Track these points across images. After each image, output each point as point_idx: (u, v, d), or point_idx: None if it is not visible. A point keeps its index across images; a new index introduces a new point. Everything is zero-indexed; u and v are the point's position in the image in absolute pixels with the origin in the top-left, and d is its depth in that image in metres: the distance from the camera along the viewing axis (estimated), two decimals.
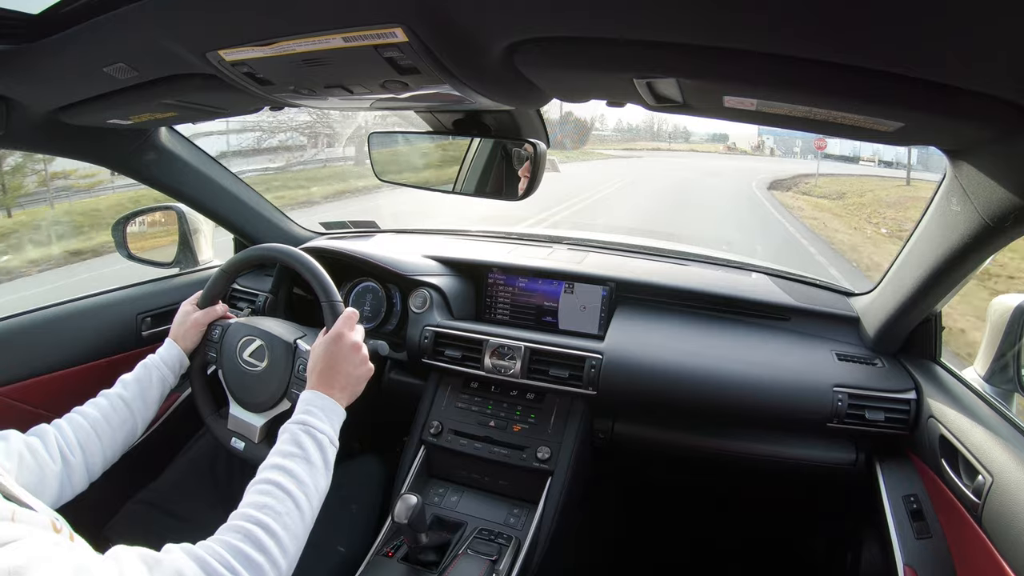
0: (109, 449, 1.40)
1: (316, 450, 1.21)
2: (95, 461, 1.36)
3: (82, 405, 1.44)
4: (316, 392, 1.32)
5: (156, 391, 1.54)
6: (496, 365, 1.93)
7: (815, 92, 0.84)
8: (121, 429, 1.44)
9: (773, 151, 44.49)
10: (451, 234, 2.68)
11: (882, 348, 1.83)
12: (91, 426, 1.38)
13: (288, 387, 1.60)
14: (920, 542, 1.49)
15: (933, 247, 1.37)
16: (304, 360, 1.58)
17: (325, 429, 1.26)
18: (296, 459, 1.17)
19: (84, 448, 1.34)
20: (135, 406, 1.48)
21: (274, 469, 1.15)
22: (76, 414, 1.40)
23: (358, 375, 1.41)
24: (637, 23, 0.77)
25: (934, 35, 0.65)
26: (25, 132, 1.58)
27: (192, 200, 2.19)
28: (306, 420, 1.25)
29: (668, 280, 2.09)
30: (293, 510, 1.10)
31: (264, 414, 1.64)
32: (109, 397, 1.47)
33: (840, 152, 38.00)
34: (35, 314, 1.87)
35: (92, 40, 1.08)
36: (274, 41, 0.95)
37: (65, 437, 1.32)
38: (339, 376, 1.36)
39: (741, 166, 40.24)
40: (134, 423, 1.47)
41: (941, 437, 1.49)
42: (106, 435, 1.40)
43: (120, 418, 1.44)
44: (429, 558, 1.63)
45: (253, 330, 1.67)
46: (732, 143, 52.37)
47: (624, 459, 2.12)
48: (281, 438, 1.22)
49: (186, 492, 1.85)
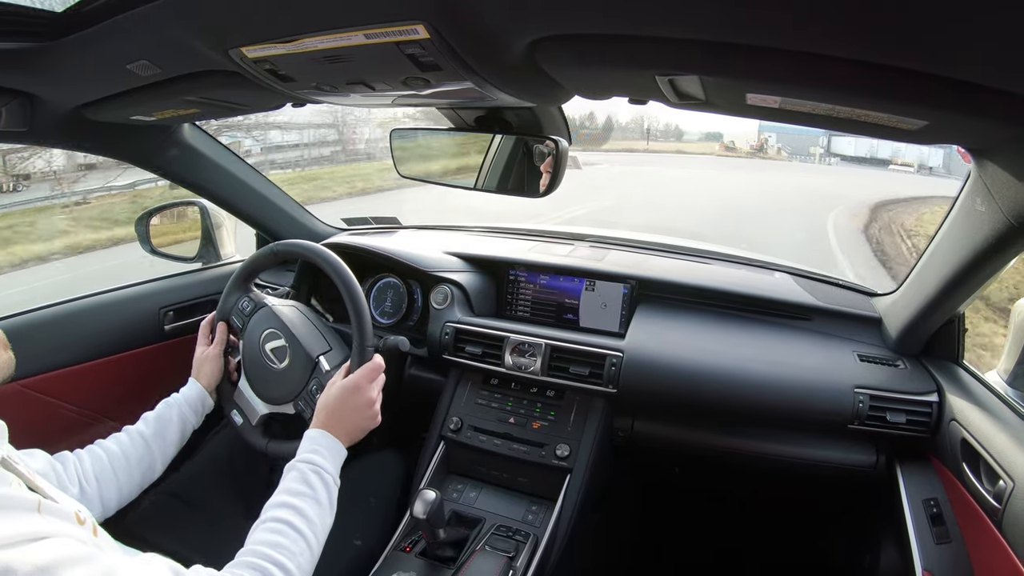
0: (126, 486, 1.43)
1: (323, 489, 1.25)
2: (110, 496, 1.39)
3: (104, 439, 1.46)
4: (324, 432, 1.35)
5: (176, 429, 1.56)
6: (516, 362, 1.93)
7: (839, 90, 0.83)
8: (139, 466, 1.46)
9: (780, 151, 37.40)
10: (472, 231, 2.68)
11: (904, 349, 1.80)
12: (109, 461, 1.41)
13: (297, 398, 1.62)
14: (939, 547, 1.47)
15: (956, 247, 1.35)
16: (320, 381, 1.60)
17: (331, 469, 1.29)
18: (306, 499, 1.21)
19: (100, 481, 1.37)
20: (154, 444, 1.50)
21: (286, 508, 1.18)
22: (97, 447, 1.43)
23: (364, 426, 1.43)
24: (662, 20, 0.76)
25: (960, 33, 0.64)
26: (50, 128, 1.59)
27: (215, 196, 2.21)
28: (315, 460, 1.28)
29: (690, 278, 2.08)
30: (305, 550, 1.15)
31: (268, 406, 1.66)
32: (130, 433, 1.49)
33: (856, 152, 32.78)
34: (59, 307, 1.89)
35: (115, 38, 1.09)
36: (296, 38, 0.96)
37: (83, 467, 1.35)
38: (347, 423, 1.39)
39: (779, 181, 23.32)
40: (152, 460, 1.49)
41: (963, 441, 1.47)
42: (123, 471, 1.42)
43: (138, 454, 1.46)
44: (447, 554, 1.63)
45: (281, 325, 1.68)
46: (730, 142, 38.37)
47: (643, 458, 2.11)
48: (290, 476, 1.25)
49: (205, 484, 1.86)
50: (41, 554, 0.77)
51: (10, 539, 0.76)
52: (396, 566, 1.58)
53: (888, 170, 28.37)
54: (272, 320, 1.69)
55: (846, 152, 32.98)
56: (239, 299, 1.75)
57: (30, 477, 0.96)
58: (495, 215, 4.62)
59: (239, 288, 1.76)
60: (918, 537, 1.49)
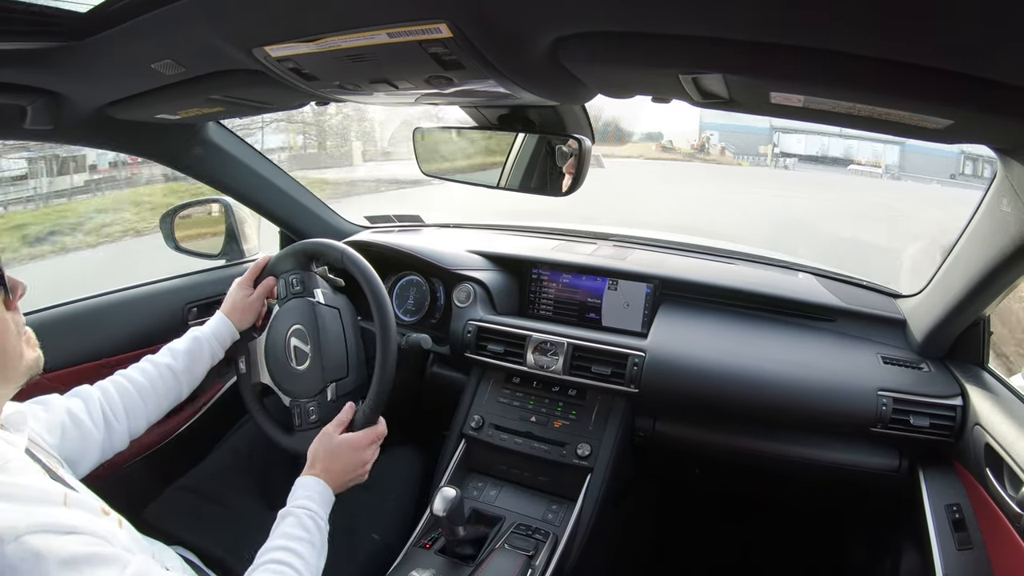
0: (154, 412, 1.48)
1: (318, 533, 1.28)
2: (138, 425, 1.44)
3: (126, 369, 1.50)
4: (318, 480, 1.37)
5: (206, 363, 1.59)
6: (538, 361, 1.92)
7: (866, 88, 0.83)
8: (167, 397, 1.51)
9: (724, 151, 30.17)
10: (495, 229, 2.67)
11: (928, 352, 1.78)
12: (138, 393, 1.44)
13: (294, 402, 1.63)
14: (961, 553, 1.45)
15: (982, 249, 1.33)
16: (320, 407, 1.60)
17: (323, 515, 1.32)
18: (303, 543, 1.23)
19: (129, 414, 1.41)
20: (183, 378, 1.54)
21: (285, 551, 1.20)
22: (123, 379, 1.45)
23: (353, 482, 1.45)
24: (687, 19, 0.76)
25: (995, 34, 0.63)
26: (75, 127, 1.61)
27: (239, 193, 2.22)
28: (310, 507, 1.30)
29: (713, 278, 2.06)
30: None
31: (271, 382, 1.68)
32: (157, 366, 1.51)
33: (807, 150, 24.98)
34: (85, 302, 1.91)
35: (139, 37, 1.10)
36: (320, 37, 0.96)
37: (111, 401, 1.39)
38: (339, 477, 1.41)
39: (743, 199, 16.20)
40: (180, 391, 1.54)
41: (987, 446, 1.45)
42: (152, 402, 1.47)
43: (167, 387, 1.50)
44: (466, 551, 1.64)
45: (313, 329, 1.63)
46: (668, 141, 32.75)
47: (663, 458, 2.10)
48: (287, 520, 1.27)
49: (224, 480, 1.88)
50: (69, 548, 0.78)
51: (42, 527, 0.78)
52: (415, 562, 1.59)
53: (849, 171, 23.41)
54: (307, 317, 1.64)
55: (796, 150, 26.03)
56: (293, 271, 1.70)
57: (53, 468, 0.97)
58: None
59: (299, 263, 1.72)
60: (940, 542, 1.48)
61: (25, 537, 0.76)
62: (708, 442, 1.89)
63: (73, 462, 1.22)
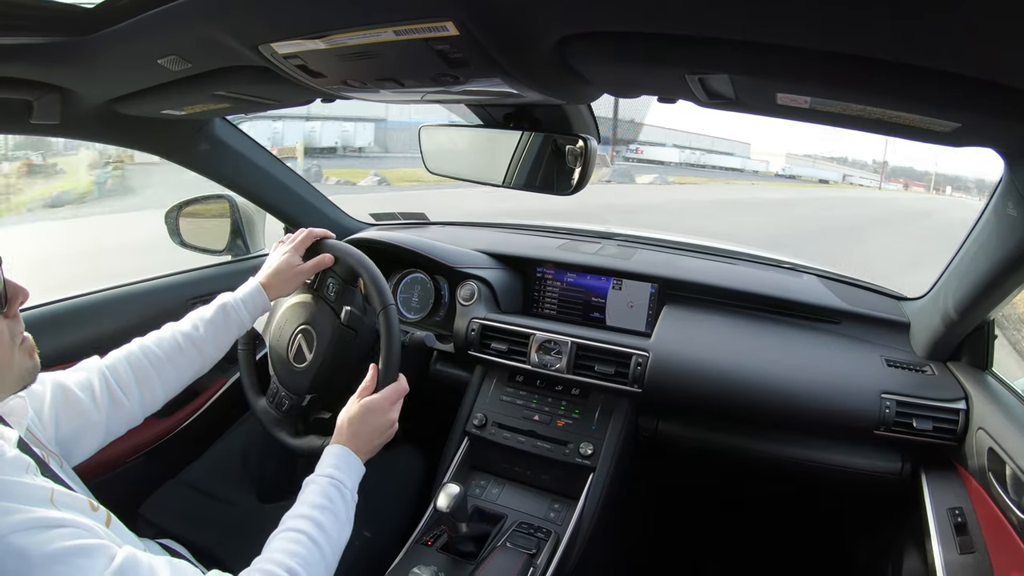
0: (173, 385, 1.41)
1: (343, 504, 1.24)
2: (154, 400, 1.37)
3: (144, 337, 1.41)
4: (346, 448, 1.33)
5: (232, 336, 1.52)
6: (542, 360, 1.92)
7: (872, 90, 0.83)
8: (188, 370, 1.43)
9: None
10: (500, 227, 2.67)
11: (932, 355, 1.77)
12: (152, 366, 1.36)
13: (276, 390, 1.66)
14: (962, 557, 1.44)
15: (987, 253, 1.33)
16: (292, 408, 1.63)
17: (351, 485, 1.28)
18: (326, 511, 1.19)
19: (142, 388, 1.33)
20: (206, 350, 1.46)
21: (305, 519, 1.16)
22: (138, 349, 1.37)
23: (379, 444, 1.41)
24: (694, 19, 0.75)
25: (997, 35, 0.63)
26: (81, 122, 1.61)
27: (245, 189, 2.23)
28: (336, 475, 1.26)
29: (717, 279, 2.06)
30: (320, 561, 1.13)
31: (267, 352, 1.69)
32: (178, 336, 1.43)
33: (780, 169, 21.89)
34: (87, 297, 1.91)
35: (146, 33, 1.10)
36: (326, 34, 0.96)
37: (118, 377, 1.31)
38: (368, 441, 1.37)
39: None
40: (202, 364, 1.46)
41: (990, 450, 1.44)
42: (170, 375, 1.39)
43: (188, 360, 1.42)
44: (468, 548, 1.63)
45: (322, 339, 1.63)
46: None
47: (666, 458, 2.10)
48: (311, 488, 1.24)
49: (220, 475, 1.88)
50: (54, 543, 0.77)
51: (24, 525, 0.77)
52: (417, 559, 1.59)
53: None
54: (323, 328, 1.64)
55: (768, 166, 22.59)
56: (338, 275, 1.67)
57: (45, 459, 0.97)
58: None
59: (347, 274, 1.68)
60: (941, 546, 1.47)
61: (9, 537, 0.75)
62: (711, 443, 1.89)
63: (71, 443, 1.19)
